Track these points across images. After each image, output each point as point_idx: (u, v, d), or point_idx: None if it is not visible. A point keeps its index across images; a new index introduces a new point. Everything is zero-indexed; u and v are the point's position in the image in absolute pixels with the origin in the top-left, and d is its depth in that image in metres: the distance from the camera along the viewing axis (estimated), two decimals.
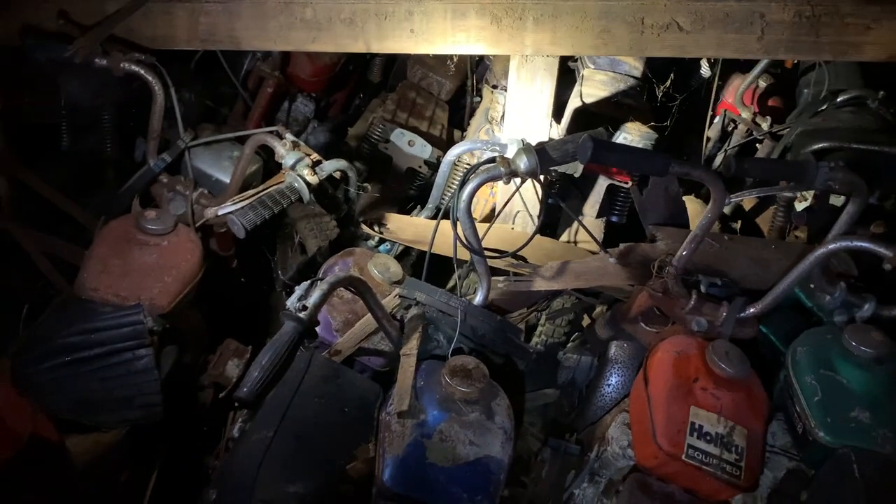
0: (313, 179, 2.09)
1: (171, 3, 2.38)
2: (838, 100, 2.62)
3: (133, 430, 1.85)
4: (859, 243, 1.74)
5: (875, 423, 1.63)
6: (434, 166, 2.99)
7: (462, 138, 3.30)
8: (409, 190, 3.18)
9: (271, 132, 2.21)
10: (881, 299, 1.91)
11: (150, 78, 2.23)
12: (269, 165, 2.44)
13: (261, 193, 2.03)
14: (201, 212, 2.20)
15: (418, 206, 2.61)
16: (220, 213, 2.06)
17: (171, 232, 2.06)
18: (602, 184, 2.63)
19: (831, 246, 1.73)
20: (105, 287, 1.97)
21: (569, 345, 2.51)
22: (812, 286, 1.98)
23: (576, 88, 2.80)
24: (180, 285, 2.03)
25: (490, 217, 2.57)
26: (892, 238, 2.37)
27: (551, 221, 2.68)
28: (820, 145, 2.33)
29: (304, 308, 1.63)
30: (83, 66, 2.18)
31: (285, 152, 2.13)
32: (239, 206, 2.01)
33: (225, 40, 2.44)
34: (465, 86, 3.42)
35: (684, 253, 1.82)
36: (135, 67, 2.21)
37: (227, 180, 2.31)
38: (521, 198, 2.37)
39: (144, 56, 2.27)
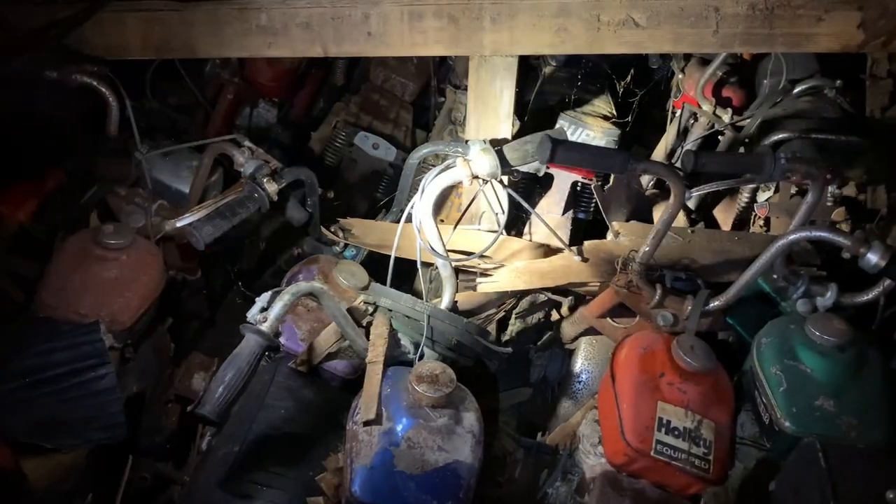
0: (273, 188, 2.06)
1: (123, 12, 2.34)
2: (796, 90, 2.65)
3: (96, 450, 1.81)
4: (818, 233, 1.76)
5: (839, 411, 1.65)
6: (399, 168, 2.98)
7: (427, 139, 3.29)
8: (376, 193, 3.16)
9: (230, 140, 2.18)
10: (843, 287, 1.93)
11: (103, 89, 2.18)
12: (233, 174, 2.41)
13: (219, 204, 2.00)
14: (161, 224, 2.16)
15: (384, 210, 2.59)
16: (179, 224, 2.02)
17: (130, 246, 2.02)
18: (567, 181, 2.64)
19: (791, 236, 1.74)
20: (64, 305, 1.92)
21: (539, 343, 2.51)
22: (775, 276, 2.00)
23: (538, 87, 2.81)
24: (141, 300, 1.99)
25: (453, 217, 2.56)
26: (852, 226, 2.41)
27: (518, 221, 2.68)
28: (779, 136, 2.35)
29: (266, 319, 1.61)
30: (33, 78, 2.13)
31: (244, 160, 2.10)
32: (197, 217, 1.98)
33: (180, 48, 2.40)
34: (430, 86, 3.40)
35: (647, 248, 1.82)
36: (87, 79, 2.16)
37: (187, 191, 2.28)
38: (486, 198, 2.36)
39: (97, 67, 2.22)
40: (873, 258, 1.65)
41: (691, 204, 2.70)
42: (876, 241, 1.66)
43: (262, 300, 1.64)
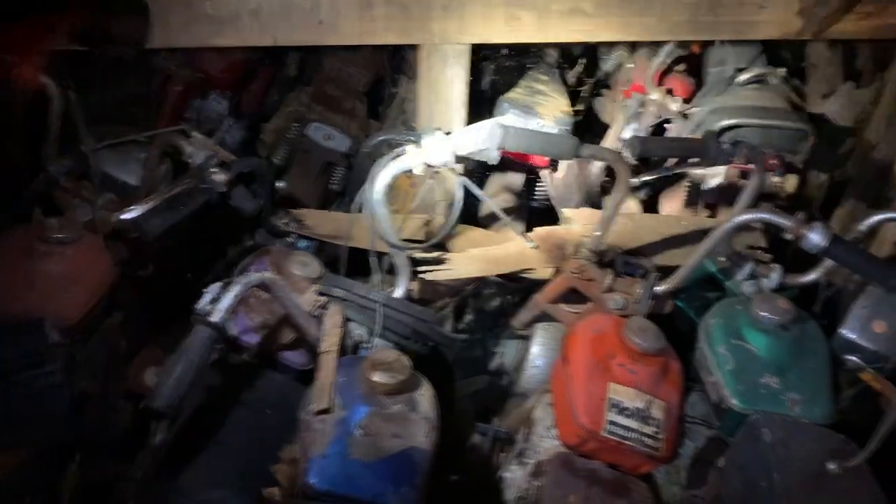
0: (221, 178, 2.03)
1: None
2: (742, 78, 2.71)
3: (45, 448, 1.77)
4: (761, 215, 1.81)
5: (783, 388, 1.70)
6: (353, 159, 2.97)
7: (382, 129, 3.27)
8: (331, 184, 3.14)
9: (178, 131, 2.15)
10: (787, 268, 1.99)
11: (45, 80, 2.12)
12: (182, 166, 2.36)
13: (167, 196, 1.97)
14: (108, 218, 2.12)
15: (338, 200, 2.58)
16: (126, 217, 1.98)
17: (76, 241, 1.98)
18: (521, 170, 2.66)
19: (736, 219, 1.78)
20: (8, 302, 1.87)
21: (496, 330, 2.53)
22: (722, 259, 2.05)
23: (490, 76, 2.82)
24: (89, 296, 1.95)
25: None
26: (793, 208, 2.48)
27: (472, 209, 2.69)
28: (725, 123, 2.40)
29: (215, 311, 1.59)
30: None
31: (192, 151, 2.07)
32: (144, 209, 1.94)
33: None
34: (384, 76, 3.39)
35: (597, 234, 1.85)
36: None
37: (136, 183, 2.24)
38: (441, 186, 2.37)
39: (38, 57, 2.16)
40: (815, 239, 1.69)
41: (642, 192, 2.74)
42: (817, 223, 1.71)
43: (211, 291, 1.62)
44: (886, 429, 1.49)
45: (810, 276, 1.96)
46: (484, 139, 1.72)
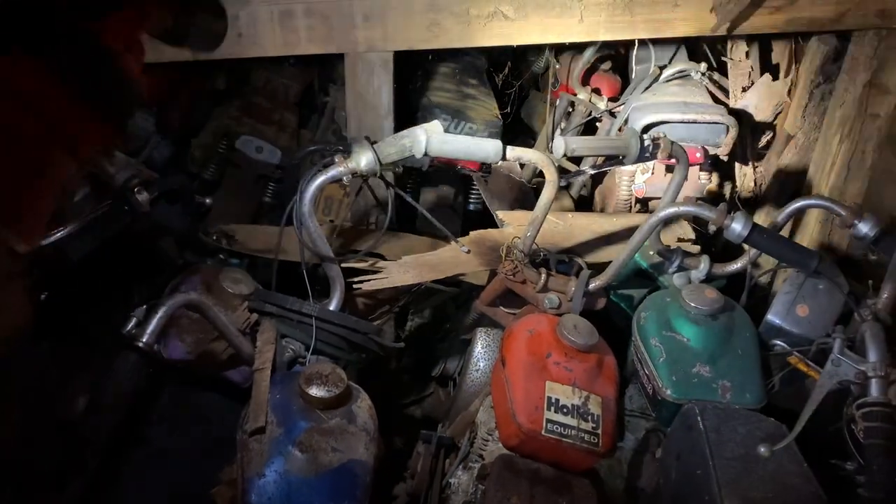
0: (144, 198, 1.98)
1: None
2: (664, 75, 2.77)
3: None
4: (685, 209, 1.85)
5: (714, 376, 1.74)
6: (286, 171, 2.93)
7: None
8: (265, 197, 3.10)
9: (98, 150, 2.08)
10: (715, 258, 2.04)
11: None
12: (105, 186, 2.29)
13: (89, 218, 1.91)
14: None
15: (269, 214, 2.54)
16: (44, 242, 1.91)
17: None
18: (454, 173, 2.67)
19: (661, 214, 1.82)
20: None
21: (438, 336, 2.53)
22: (652, 253, 2.09)
23: (420, 83, 2.82)
24: (7, 322, 1.87)
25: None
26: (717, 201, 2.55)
27: (410, 216, 2.69)
28: (649, 120, 2.45)
29: (143, 334, 1.55)
30: None
31: (114, 171, 2.01)
32: (65, 232, 1.88)
33: None
34: (313, 86, 3.35)
35: (528, 234, 1.86)
36: None
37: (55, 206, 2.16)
38: (373, 195, 2.36)
39: None
40: (737, 228, 1.74)
41: (573, 191, 2.77)
42: (738, 212, 1.76)
43: (137, 314, 1.57)
44: (812, 409, 1.54)
45: (737, 266, 2.01)
46: (409, 146, 1.72)
